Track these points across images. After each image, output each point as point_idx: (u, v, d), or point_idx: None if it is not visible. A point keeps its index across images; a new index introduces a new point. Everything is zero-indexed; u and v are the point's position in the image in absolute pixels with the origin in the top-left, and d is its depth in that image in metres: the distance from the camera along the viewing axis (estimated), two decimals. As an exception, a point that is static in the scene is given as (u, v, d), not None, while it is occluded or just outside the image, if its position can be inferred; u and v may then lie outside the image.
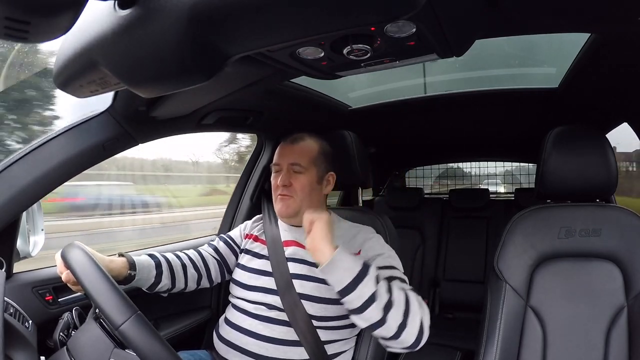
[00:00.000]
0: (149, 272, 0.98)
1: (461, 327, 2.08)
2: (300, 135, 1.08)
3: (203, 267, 1.10)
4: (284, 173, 1.03)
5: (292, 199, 1.03)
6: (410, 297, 0.84)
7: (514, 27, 0.78)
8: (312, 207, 1.06)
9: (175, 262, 1.06)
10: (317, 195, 1.06)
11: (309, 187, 1.04)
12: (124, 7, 0.47)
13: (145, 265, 0.98)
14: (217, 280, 1.13)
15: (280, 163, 1.05)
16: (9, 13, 0.37)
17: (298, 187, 1.03)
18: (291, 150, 1.05)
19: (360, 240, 1.01)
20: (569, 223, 1.02)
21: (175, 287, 1.05)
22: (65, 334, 0.81)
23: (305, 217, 0.86)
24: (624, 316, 0.95)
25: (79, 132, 0.93)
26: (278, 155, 1.07)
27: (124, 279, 0.92)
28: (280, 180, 1.03)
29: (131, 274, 0.93)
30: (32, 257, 0.99)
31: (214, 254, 1.13)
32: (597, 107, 1.42)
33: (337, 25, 0.47)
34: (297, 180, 1.03)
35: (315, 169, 1.05)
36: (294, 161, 1.03)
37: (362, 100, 1.65)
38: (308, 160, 1.04)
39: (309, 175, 1.04)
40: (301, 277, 0.99)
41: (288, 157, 1.04)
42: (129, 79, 0.56)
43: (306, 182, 1.03)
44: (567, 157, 1.00)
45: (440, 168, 3.64)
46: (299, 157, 1.04)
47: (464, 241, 2.40)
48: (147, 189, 5.71)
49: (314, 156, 1.05)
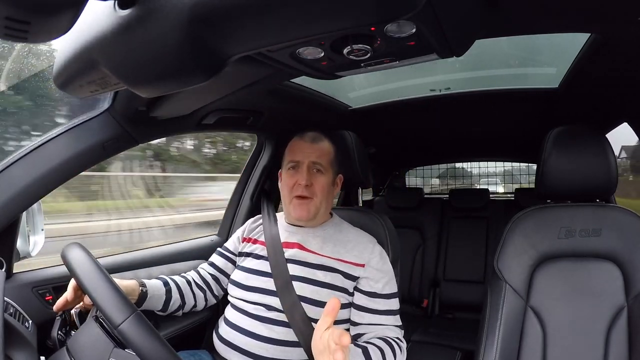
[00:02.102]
0: (159, 289, 1.00)
1: (461, 327, 2.08)
2: (317, 134, 1.05)
3: (204, 284, 1.12)
4: (305, 171, 0.99)
5: (313, 202, 1.00)
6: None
7: (514, 27, 0.78)
8: (327, 209, 1.06)
9: (181, 281, 1.08)
10: (331, 197, 1.05)
11: (327, 189, 1.02)
12: (124, 7, 0.47)
13: (153, 283, 1.00)
14: (220, 294, 1.15)
15: (301, 160, 1.00)
16: (9, 13, 0.37)
17: (319, 188, 0.99)
18: (312, 149, 1.01)
19: (367, 256, 1.01)
20: (569, 223, 1.02)
21: (186, 304, 1.06)
22: (63, 333, 0.81)
23: (337, 337, 0.69)
24: (624, 316, 0.95)
25: (79, 132, 0.93)
26: (297, 151, 1.02)
27: (138, 298, 0.94)
28: (302, 178, 0.98)
29: (143, 290, 0.95)
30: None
31: (212, 270, 1.14)
32: (597, 107, 1.42)
33: (337, 25, 0.47)
34: (317, 180, 1.00)
35: (332, 170, 1.03)
36: (317, 160, 1.00)
37: (362, 100, 1.65)
38: (328, 161, 1.02)
39: (327, 176, 1.02)
40: (301, 280, 0.99)
41: (309, 155, 1.00)
42: (129, 79, 0.56)
43: (326, 184, 1.01)
44: (567, 157, 1.00)
45: (440, 168, 3.64)
46: (321, 156, 1.01)
47: (464, 241, 2.40)
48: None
49: (332, 158, 1.04)
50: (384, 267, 1.02)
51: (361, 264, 1.00)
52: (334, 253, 1.02)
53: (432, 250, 2.43)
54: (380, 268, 1.01)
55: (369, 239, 1.06)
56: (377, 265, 1.01)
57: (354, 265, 1.00)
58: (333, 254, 1.02)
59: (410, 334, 1.97)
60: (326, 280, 0.98)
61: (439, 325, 2.14)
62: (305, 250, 1.03)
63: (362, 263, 1.00)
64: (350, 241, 1.02)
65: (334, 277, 0.99)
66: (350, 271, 1.00)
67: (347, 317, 1.00)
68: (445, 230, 2.48)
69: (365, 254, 1.01)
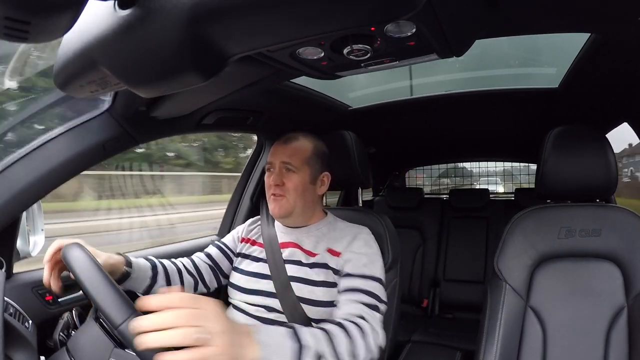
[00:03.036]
0: (145, 272, 0.99)
1: (461, 327, 2.07)
2: (294, 135, 1.07)
3: (196, 273, 1.11)
4: (276, 172, 1.03)
5: (285, 199, 1.02)
6: (355, 333, 0.78)
7: (514, 27, 0.78)
8: (306, 207, 1.06)
9: (171, 267, 1.06)
10: (310, 195, 1.06)
11: (302, 187, 1.03)
12: (124, 7, 0.47)
13: (142, 265, 0.98)
14: (213, 286, 1.14)
15: (273, 162, 1.05)
16: (9, 13, 0.37)
17: (291, 186, 1.02)
18: (284, 150, 1.04)
19: (346, 242, 1.00)
20: (569, 223, 1.02)
21: None
22: (65, 334, 0.81)
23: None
24: (624, 316, 0.95)
25: (79, 132, 0.93)
26: (271, 154, 1.07)
27: (120, 276, 0.92)
28: (272, 179, 1.03)
29: (127, 271, 0.93)
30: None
31: (207, 260, 1.13)
32: (597, 107, 1.42)
33: (337, 25, 0.47)
34: (289, 179, 1.02)
35: (309, 169, 1.04)
36: (286, 160, 1.03)
37: (362, 100, 1.65)
38: (301, 160, 1.04)
39: (301, 175, 1.03)
40: (298, 280, 0.99)
41: (280, 156, 1.04)
42: (129, 79, 0.56)
43: (299, 182, 1.02)
44: (567, 157, 1.00)
45: (440, 168, 3.64)
46: (291, 156, 1.03)
47: (464, 241, 2.40)
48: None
49: (307, 156, 1.05)
50: (362, 250, 0.99)
51: (338, 254, 0.99)
52: (328, 250, 1.02)
53: (432, 250, 2.43)
54: (358, 250, 0.99)
55: (358, 229, 1.06)
56: (357, 249, 0.99)
57: (335, 256, 1.00)
58: (326, 251, 1.02)
59: (410, 334, 1.97)
60: (320, 279, 0.98)
61: (439, 325, 2.14)
62: (301, 250, 1.04)
63: (339, 252, 0.99)
64: (345, 237, 1.02)
65: (327, 274, 0.98)
66: (335, 265, 0.99)
67: None
68: (445, 230, 2.48)
69: (346, 241, 1.01)
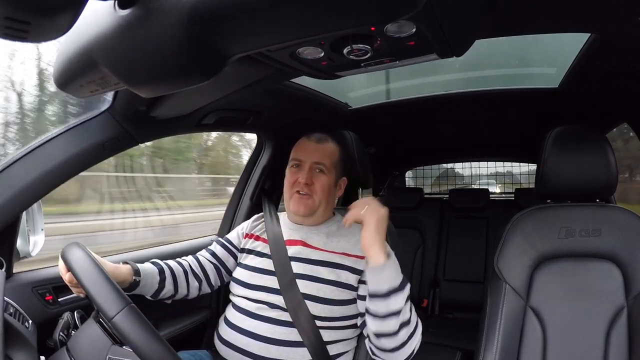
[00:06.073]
0: (153, 278, 0.99)
1: (461, 327, 2.08)
2: (324, 136, 1.08)
3: (202, 273, 1.11)
4: (306, 170, 1.03)
5: (312, 199, 1.03)
6: (419, 322, 0.91)
7: (514, 27, 0.78)
8: (327, 209, 1.08)
9: (177, 269, 1.07)
10: (332, 197, 1.07)
11: (328, 189, 1.04)
12: (124, 7, 0.47)
13: (149, 271, 0.99)
14: (216, 285, 1.14)
15: (303, 160, 1.04)
16: (9, 13, 0.37)
17: (319, 187, 1.03)
18: (316, 149, 1.05)
19: (356, 241, 1.01)
20: (569, 223, 1.02)
21: (178, 294, 1.06)
22: (65, 334, 0.81)
23: (362, 205, 0.87)
24: (624, 316, 0.95)
25: (79, 132, 0.93)
26: (300, 151, 1.06)
27: (129, 285, 0.94)
28: (302, 177, 1.02)
29: (136, 279, 0.94)
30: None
31: (212, 259, 1.13)
32: (597, 107, 1.42)
33: (337, 25, 0.47)
34: (318, 180, 1.03)
35: (335, 172, 1.06)
36: (319, 160, 1.03)
37: (362, 100, 1.65)
38: (331, 162, 1.05)
39: (329, 177, 1.04)
40: (305, 277, 0.99)
41: (313, 155, 1.04)
42: (129, 79, 0.56)
43: (326, 184, 1.04)
44: (567, 157, 1.00)
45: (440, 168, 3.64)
46: (324, 157, 1.04)
47: (464, 241, 2.40)
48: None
49: (336, 159, 1.07)
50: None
51: (363, 257, 0.99)
52: (339, 248, 1.02)
53: (432, 250, 2.43)
54: None
55: None
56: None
57: (359, 259, 1.00)
58: (338, 249, 1.02)
59: (410, 333, 1.96)
60: (330, 278, 0.98)
61: (439, 325, 2.14)
62: (309, 247, 1.03)
63: (363, 255, 0.99)
64: (355, 235, 1.02)
65: (338, 273, 0.98)
66: (355, 265, 1.00)
67: (351, 314, 0.99)
68: (445, 230, 2.48)
69: (355, 242, 1.01)
